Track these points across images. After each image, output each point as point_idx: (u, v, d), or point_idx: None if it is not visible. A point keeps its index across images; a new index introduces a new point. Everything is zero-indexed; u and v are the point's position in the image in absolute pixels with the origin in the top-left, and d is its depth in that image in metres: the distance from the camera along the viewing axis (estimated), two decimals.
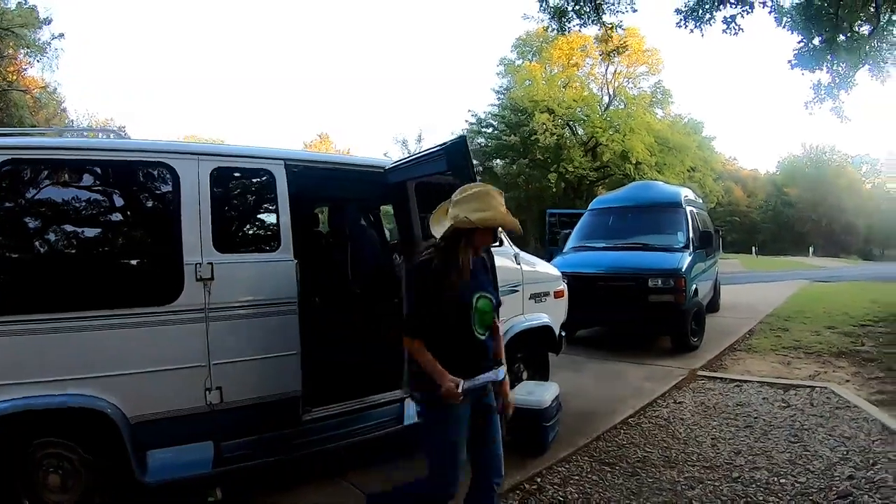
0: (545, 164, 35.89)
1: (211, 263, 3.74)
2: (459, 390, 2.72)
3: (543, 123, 34.37)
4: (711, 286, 12.10)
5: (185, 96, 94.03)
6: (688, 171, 37.05)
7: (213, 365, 3.74)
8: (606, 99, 39.73)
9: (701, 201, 13.95)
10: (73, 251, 3.69)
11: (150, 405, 3.58)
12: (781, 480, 4.29)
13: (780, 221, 70.17)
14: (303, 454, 4.20)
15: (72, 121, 34.57)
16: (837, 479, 4.27)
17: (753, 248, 55.17)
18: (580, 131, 37.84)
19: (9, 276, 3.42)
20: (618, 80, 39.28)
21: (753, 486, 4.22)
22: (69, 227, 3.67)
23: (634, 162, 34.00)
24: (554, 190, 34.83)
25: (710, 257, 11.44)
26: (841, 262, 48.36)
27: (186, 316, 3.68)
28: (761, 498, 4.02)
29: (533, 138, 35.11)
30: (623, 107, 37.77)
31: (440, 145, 3.91)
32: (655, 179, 28.95)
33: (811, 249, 58.11)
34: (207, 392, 3.73)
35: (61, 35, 25.19)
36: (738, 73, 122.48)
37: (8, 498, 3.31)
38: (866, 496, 3.96)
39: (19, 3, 22.23)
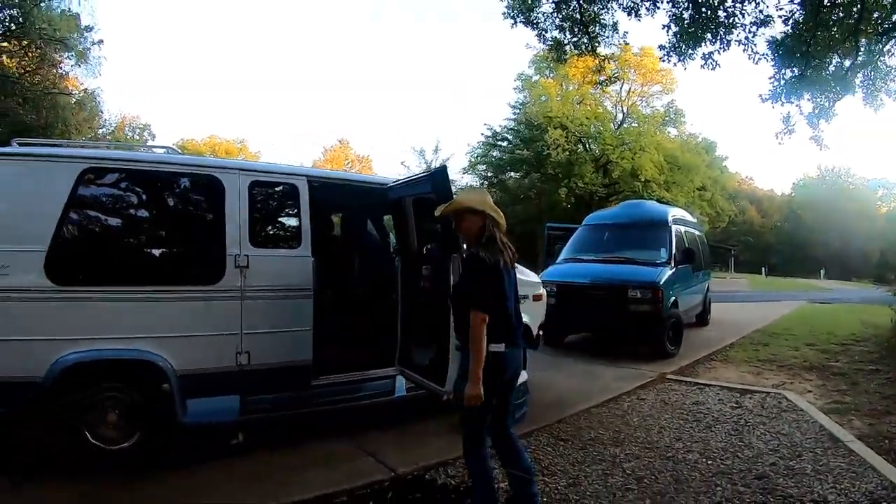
0: (556, 179, 36.29)
1: (247, 255, 4.75)
2: None
3: (556, 139, 34.85)
4: (700, 300, 12.79)
5: (209, 97, 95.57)
6: (697, 189, 37.41)
7: (244, 334, 4.74)
8: (620, 117, 40.11)
9: (695, 221, 14.55)
10: (146, 240, 4.78)
11: (194, 362, 4.55)
12: (709, 462, 4.94)
13: (794, 243, 69.78)
14: (310, 412, 5.20)
15: (105, 119, 36.28)
16: (760, 464, 4.87)
17: (763, 269, 55.17)
18: (592, 147, 38.21)
19: (100, 257, 4.47)
20: (631, 99, 39.59)
21: (682, 464, 4.89)
22: (139, 221, 4.78)
23: (643, 180, 34.40)
24: (565, 204, 35.25)
25: (698, 273, 12.11)
26: (850, 285, 48.06)
27: (226, 294, 4.68)
28: (686, 473, 4.68)
29: (546, 153, 35.56)
30: (635, 125, 38.11)
31: (427, 172, 4.88)
32: (663, 197, 29.50)
33: (822, 272, 57.90)
34: (238, 355, 4.72)
35: (101, 42, 26.42)
36: (756, 92, 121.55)
37: (73, 429, 4.26)
38: (781, 479, 4.55)
39: (63, 11, 23.53)
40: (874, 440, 5.53)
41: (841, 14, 10.79)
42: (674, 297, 9.85)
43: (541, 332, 7.00)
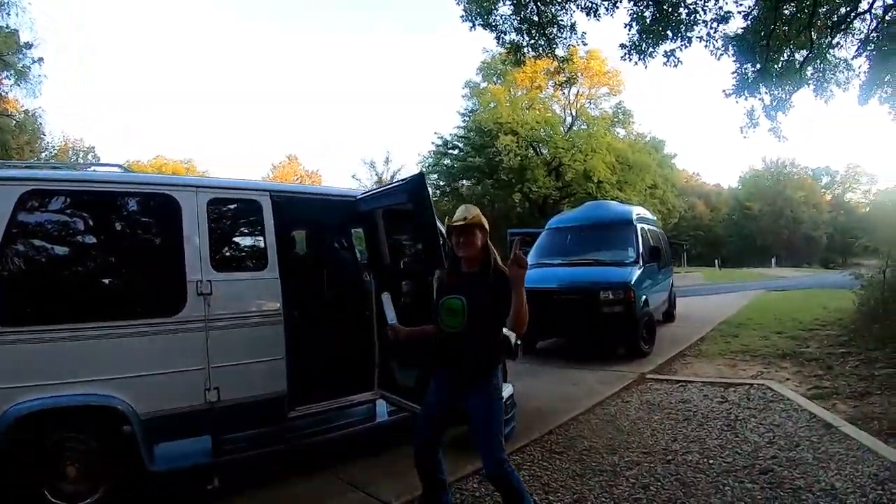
0: (510, 185, 36.63)
1: (210, 281, 4.34)
2: None
3: (507, 145, 35.07)
4: (666, 297, 12.78)
5: (154, 117, 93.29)
6: (648, 188, 38.08)
7: (211, 368, 4.32)
8: (569, 120, 40.63)
9: (655, 218, 14.62)
10: (92, 269, 4.27)
11: (158, 403, 4.12)
12: (710, 461, 4.83)
13: (744, 234, 71.63)
14: (289, 447, 4.79)
15: (48, 142, 34.91)
16: (762, 458, 4.83)
17: (717, 262, 56.32)
18: (544, 152, 38.59)
19: (36, 291, 3.94)
20: (580, 102, 40.18)
21: (685, 466, 4.76)
22: (88, 249, 4.30)
23: (596, 181, 34.82)
24: (519, 209, 35.49)
25: (663, 270, 12.11)
26: (802, 271, 49.51)
27: (189, 325, 4.26)
28: (690, 475, 4.55)
29: (497, 159, 35.79)
30: (585, 127, 38.65)
31: (402, 180, 4.58)
32: (617, 197, 29.87)
33: (773, 261, 59.48)
34: (207, 392, 4.30)
35: (41, 59, 25.39)
36: (702, 90, 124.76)
37: (29, 488, 3.76)
38: (785, 471, 4.51)
39: (0, 27, 22.55)
40: (863, 422, 5.59)
41: (794, 8, 11.01)
42: (644, 297, 9.78)
43: (519, 343, 6.74)
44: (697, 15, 11.11)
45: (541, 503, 4.19)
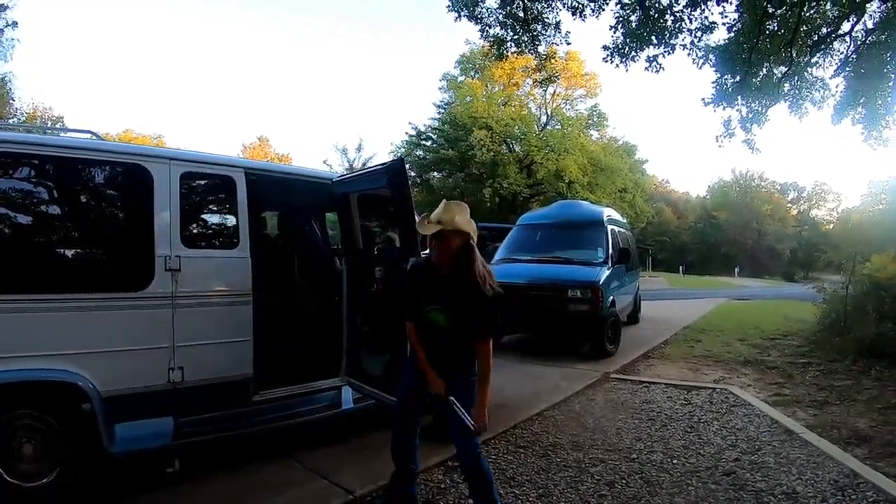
0: (481, 179, 36.66)
1: (178, 256, 4.18)
2: None
3: (481, 139, 35.01)
4: (632, 299, 12.91)
5: (124, 91, 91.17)
6: (618, 191, 38.35)
7: (176, 347, 4.16)
8: (544, 119, 40.67)
9: (625, 221, 14.76)
10: (56, 238, 4.07)
11: (120, 381, 3.95)
12: (674, 461, 4.88)
13: (709, 243, 72.88)
14: (252, 431, 4.64)
15: (16, 109, 33.65)
16: (724, 461, 4.89)
17: (681, 268, 57.16)
18: (517, 149, 38.72)
19: (6, 261, 3.72)
20: (556, 102, 40.29)
21: (649, 465, 4.79)
22: (53, 217, 4.10)
23: (567, 181, 34.92)
24: (489, 204, 35.49)
25: (631, 272, 12.24)
26: (764, 282, 50.46)
27: (155, 302, 4.10)
28: (654, 474, 4.58)
29: (470, 153, 35.75)
30: (559, 127, 38.74)
31: (382, 164, 4.49)
32: (587, 198, 30.01)
33: (737, 270, 60.61)
34: (171, 371, 4.14)
35: (14, 23, 24.51)
36: (676, 98, 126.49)
37: None
38: (748, 474, 4.59)
39: None
40: (823, 430, 5.69)
41: (777, 25, 11.24)
42: (612, 297, 9.85)
43: None
44: (683, 23, 11.20)
45: (506, 496, 4.16)
